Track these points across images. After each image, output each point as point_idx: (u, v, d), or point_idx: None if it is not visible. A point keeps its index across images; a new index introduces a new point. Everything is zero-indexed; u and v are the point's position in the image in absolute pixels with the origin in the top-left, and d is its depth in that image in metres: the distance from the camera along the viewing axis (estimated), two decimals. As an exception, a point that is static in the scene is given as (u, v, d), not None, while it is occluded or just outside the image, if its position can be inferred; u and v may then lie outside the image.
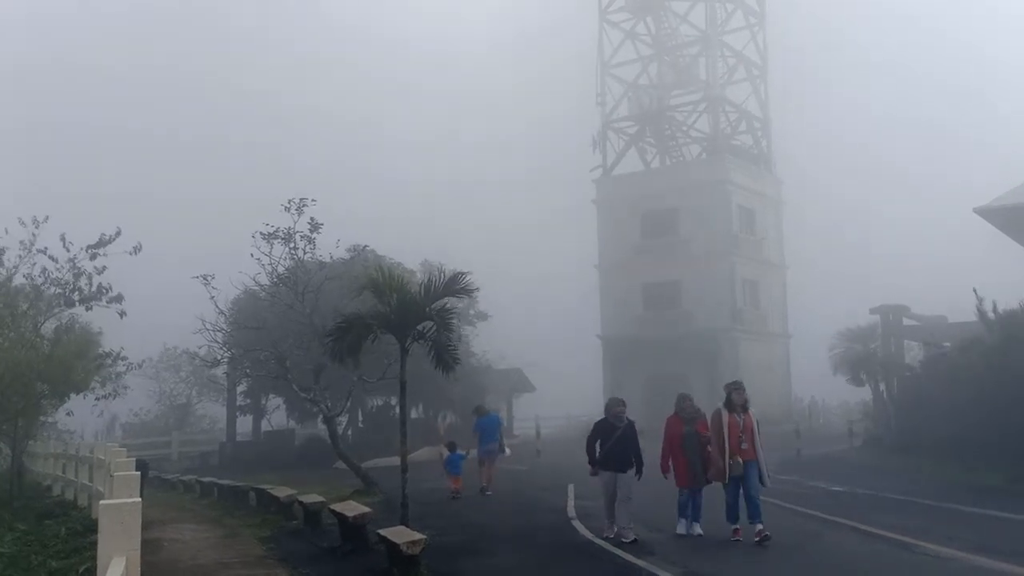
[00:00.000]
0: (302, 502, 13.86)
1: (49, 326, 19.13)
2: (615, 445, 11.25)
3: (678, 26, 42.99)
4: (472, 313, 31.99)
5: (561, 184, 54.96)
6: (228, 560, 10.92)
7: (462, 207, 68.46)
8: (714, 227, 38.29)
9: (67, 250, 18.86)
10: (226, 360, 23.79)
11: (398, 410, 14.46)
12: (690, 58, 43.19)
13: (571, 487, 17.25)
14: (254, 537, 12.85)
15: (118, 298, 19.43)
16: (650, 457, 11.47)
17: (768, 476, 11.09)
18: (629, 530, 11.00)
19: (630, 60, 43.98)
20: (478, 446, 18.16)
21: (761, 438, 11.04)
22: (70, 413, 21.66)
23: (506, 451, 19.93)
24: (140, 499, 5.43)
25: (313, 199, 18.97)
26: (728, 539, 10.73)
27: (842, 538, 11.44)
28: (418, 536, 9.52)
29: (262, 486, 16.50)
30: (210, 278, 19.41)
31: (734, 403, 11.00)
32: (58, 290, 18.98)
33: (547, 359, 41.92)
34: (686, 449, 11.45)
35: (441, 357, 13.10)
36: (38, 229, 18.43)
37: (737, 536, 10.74)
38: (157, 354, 38.43)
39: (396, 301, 12.89)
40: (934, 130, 63.95)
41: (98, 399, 21.55)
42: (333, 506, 12.37)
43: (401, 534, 9.72)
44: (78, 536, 12.41)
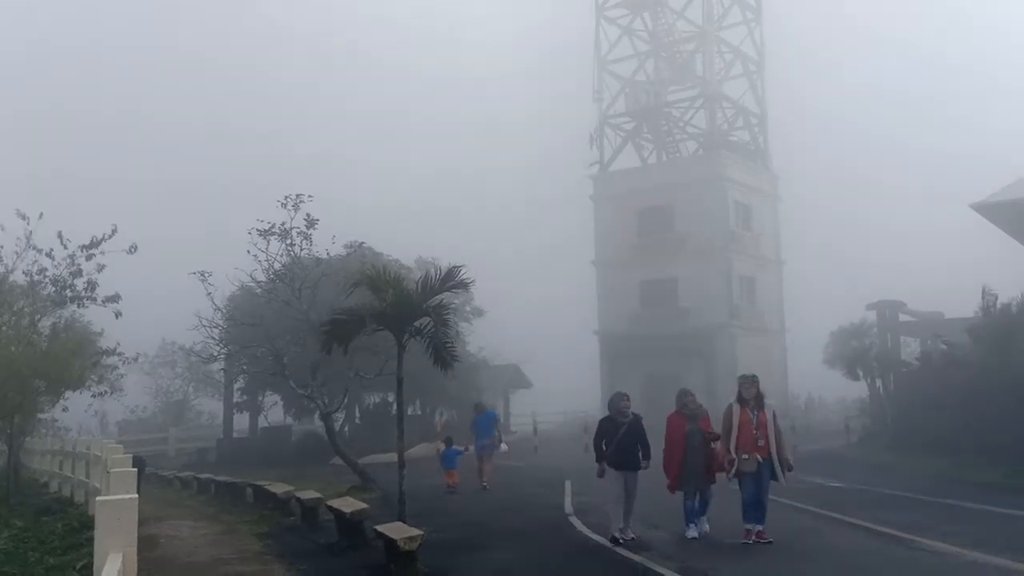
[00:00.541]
0: (299, 498, 13.85)
1: (46, 323, 19.10)
2: (622, 441, 10.86)
3: (675, 22, 42.94)
4: (468, 309, 31.99)
5: (558, 180, 55.01)
6: (225, 556, 10.91)
7: (460, 204, 68.48)
8: (711, 223, 38.27)
9: (64, 247, 18.82)
10: (223, 356, 23.77)
11: (395, 407, 14.46)
12: (687, 54, 43.14)
13: (568, 483, 17.28)
14: (251, 533, 12.84)
15: (114, 298, 19.37)
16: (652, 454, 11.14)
17: (784, 475, 10.48)
18: (628, 529, 10.84)
19: (627, 56, 43.94)
20: (475, 442, 18.27)
21: (781, 434, 10.61)
22: (65, 409, 21.62)
23: (503, 447, 20.01)
24: (137, 495, 5.42)
25: (310, 195, 18.98)
26: (738, 540, 10.33)
27: (839, 534, 11.44)
28: (415, 532, 9.52)
29: (259, 482, 16.49)
30: (207, 275, 19.41)
31: (745, 398, 10.55)
32: (55, 288, 18.91)
33: (544, 356, 41.92)
34: (689, 448, 10.95)
35: (439, 354, 13.09)
36: (29, 225, 18.29)
37: (747, 538, 10.31)
38: (154, 349, 38.41)
39: (392, 297, 12.89)
40: (932, 125, 64.02)
41: (94, 396, 21.52)
42: (330, 502, 12.37)
43: (398, 530, 9.71)
44: (75, 532, 12.40)
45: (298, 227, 19.00)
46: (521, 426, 35.08)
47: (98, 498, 5.34)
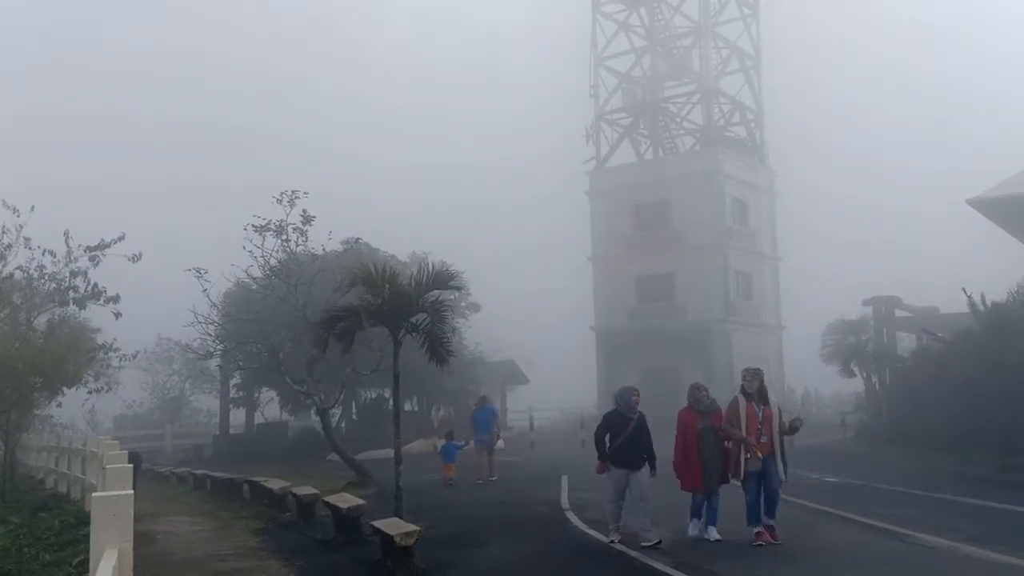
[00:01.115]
0: (296, 494, 13.85)
1: (42, 320, 19.02)
2: (628, 439, 10.27)
3: (671, 17, 42.87)
4: (464, 305, 31.98)
5: (554, 176, 54.98)
6: (222, 552, 10.91)
7: (455, 199, 68.41)
8: (707, 219, 38.26)
9: (67, 246, 18.60)
10: (219, 353, 23.75)
11: (392, 402, 14.46)
12: (683, 49, 43.09)
13: (564, 479, 17.32)
14: (248, 529, 12.85)
15: (115, 298, 19.27)
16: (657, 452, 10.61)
17: (785, 473, 10.10)
18: (650, 532, 10.17)
19: (623, 52, 43.85)
20: (474, 436, 18.47)
21: (784, 423, 10.24)
22: (60, 405, 21.58)
23: (499, 443, 20.18)
24: (133, 491, 5.41)
25: (305, 191, 18.97)
26: (750, 543, 9.94)
27: (835, 529, 11.47)
28: (412, 527, 9.52)
29: (255, 478, 16.49)
30: (203, 271, 19.39)
31: (748, 391, 10.13)
32: (54, 285, 18.76)
33: (540, 351, 41.94)
34: (703, 447, 10.32)
35: (435, 350, 13.09)
36: (20, 219, 18.08)
37: (759, 540, 9.91)
38: (151, 346, 38.37)
39: (388, 293, 12.88)
40: (928, 121, 64.08)
41: (90, 392, 21.48)
42: (327, 498, 12.37)
43: (395, 526, 9.72)
44: (71, 529, 12.39)
45: (294, 223, 19.00)
46: (518, 422, 35.11)
47: (94, 494, 5.32)
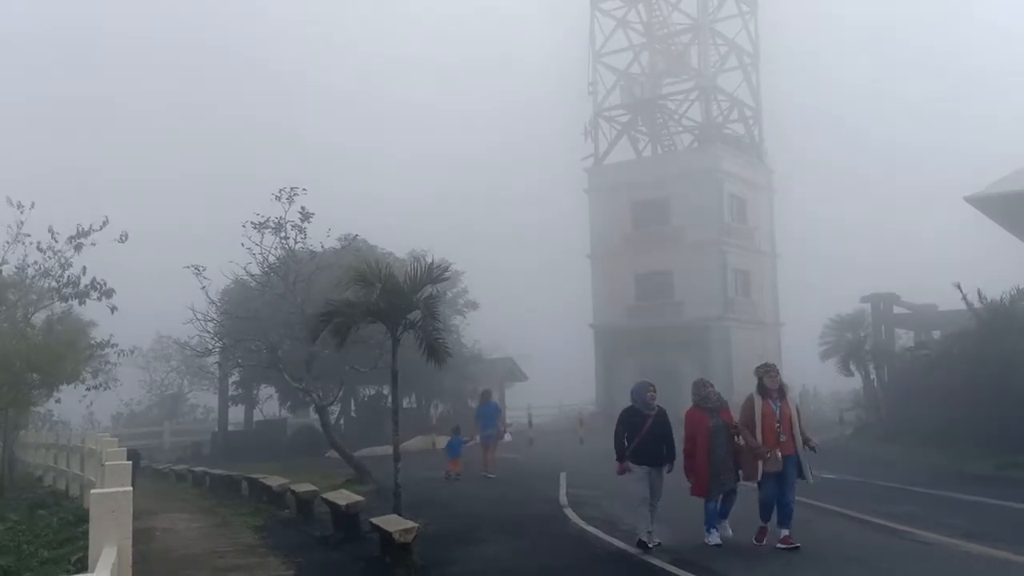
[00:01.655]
0: (294, 491, 13.86)
1: (40, 316, 19.01)
2: (648, 436, 9.86)
3: (670, 14, 42.87)
4: (462, 303, 31.95)
5: (553, 174, 54.96)
6: (220, 549, 10.91)
7: (454, 195, 68.37)
8: (706, 216, 38.28)
9: (54, 240, 18.64)
10: (217, 350, 23.73)
11: (390, 399, 14.46)
12: (682, 46, 43.08)
13: (563, 476, 17.35)
14: (246, 526, 12.85)
15: (109, 292, 19.27)
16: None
17: (812, 472, 9.80)
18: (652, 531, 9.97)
19: (622, 48, 43.86)
20: (479, 432, 18.58)
21: (804, 428, 9.89)
22: (58, 401, 21.59)
23: (507, 436, 20.43)
24: (131, 488, 5.41)
25: (304, 188, 18.95)
26: (751, 541, 9.81)
27: (833, 525, 11.46)
28: (410, 524, 9.53)
29: (254, 475, 16.50)
30: (201, 268, 19.36)
31: (767, 388, 9.72)
32: (51, 282, 18.76)
33: (539, 348, 41.92)
34: (714, 447, 9.85)
35: (432, 349, 13.08)
36: (23, 215, 18.09)
37: (762, 537, 9.75)
38: (149, 343, 38.35)
39: (383, 290, 12.87)
40: (928, 119, 64.08)
41: (88, 389, 21.48)
42: (326, 495, 12.38)
43: (393, 522, 9.73)
44: (70, 526, 12.40)
45: (292, 220, 18.98)
46: (517, 419, 35.10)
47: (93, 491, 5.32)
